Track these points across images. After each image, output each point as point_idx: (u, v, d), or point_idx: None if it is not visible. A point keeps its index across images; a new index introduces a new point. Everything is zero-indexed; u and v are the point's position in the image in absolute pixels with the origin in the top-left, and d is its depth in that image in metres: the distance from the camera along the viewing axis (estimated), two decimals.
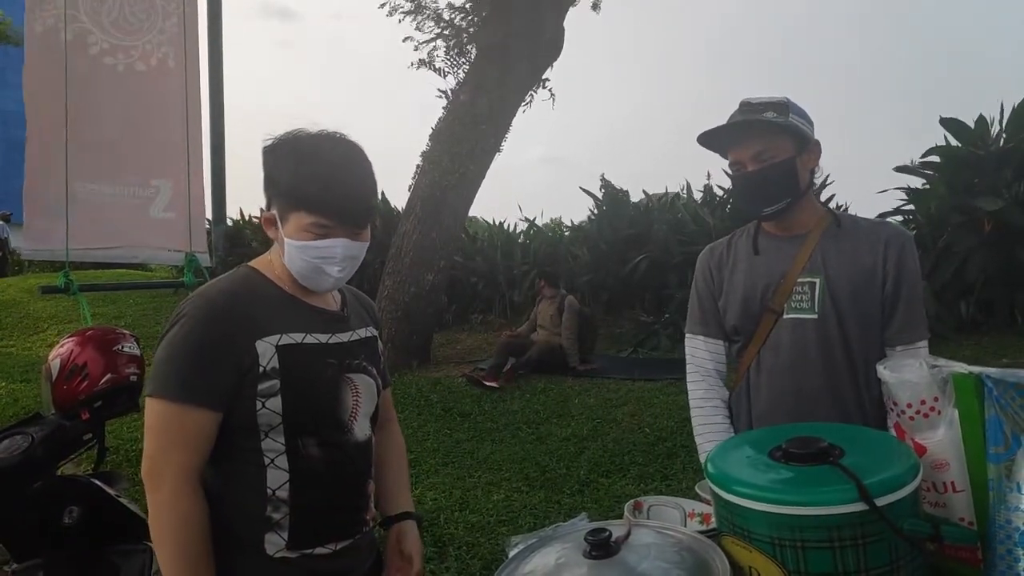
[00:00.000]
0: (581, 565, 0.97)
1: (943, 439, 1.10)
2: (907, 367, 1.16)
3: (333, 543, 1.34)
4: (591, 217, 10.55)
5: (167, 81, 3.13)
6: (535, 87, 8.56)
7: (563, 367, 6.96)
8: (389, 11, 9.05)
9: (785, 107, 1.57)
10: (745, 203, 1.71)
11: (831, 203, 8.29)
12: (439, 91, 8.39)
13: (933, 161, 7.62)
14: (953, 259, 7.06)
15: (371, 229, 1.36)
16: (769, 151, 1.58)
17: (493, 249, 10.66)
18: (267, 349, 1.26)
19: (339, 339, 1.38)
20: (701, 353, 1.79)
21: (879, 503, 0.92)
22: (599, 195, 10.49)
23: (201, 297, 1.29)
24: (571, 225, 11.94)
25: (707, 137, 1.64)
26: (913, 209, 8.01)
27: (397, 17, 9.08)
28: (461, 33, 8.70)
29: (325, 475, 1.32)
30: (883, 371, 1.20)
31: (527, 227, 11.46)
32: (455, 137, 7.67)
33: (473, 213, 9.39)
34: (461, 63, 8.71)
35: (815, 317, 1.61)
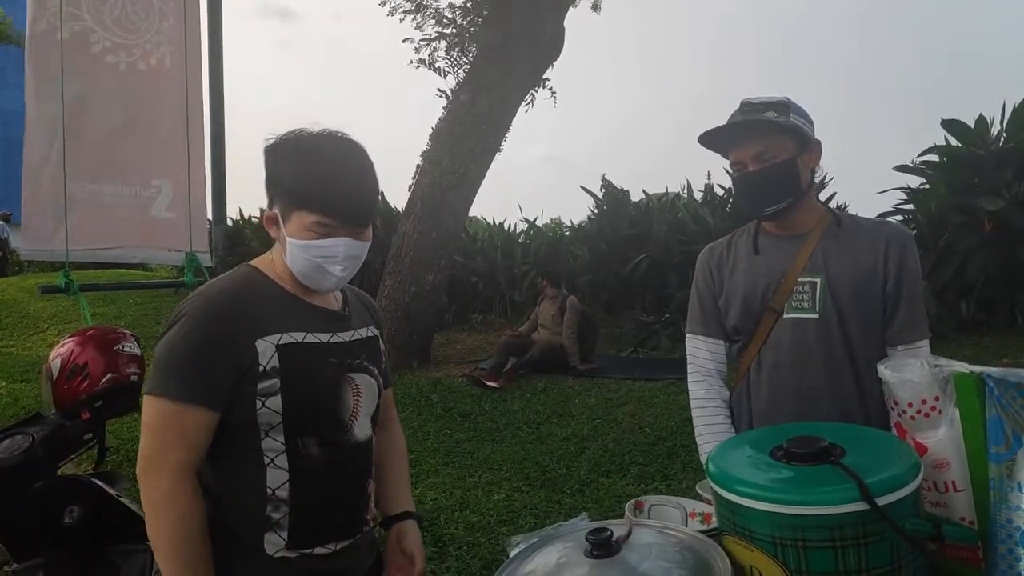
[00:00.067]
0: (582, 564, 0.97)
1: (944, 438, 1.10)
2: (908, 366, 1.16)
3: (333, 543, 1.34)
4: (591, 217, 10.55)
5: (167, 81, 3.12)
6: (535, 87, 8.56)
7: (564, 367, 6.96)
8: (390, 10, 9.06)
9: (786, 107, 1.57)
10: (746, 203, 1.70)
11: (832, 203, 8.28)
12: (439, 91, 8.41)
13: (932, 160, 7.62)
14: (953, 259, 7.06)
15: (372, 229, 1.36)
16: (770, 151, 1.58)
17: (493, 249, 10.65)
18: (267, 348, 1.26)
19: (340, 338, 1.37)
20: (702, 353, 1.79)
21: (880, 502, 0.92)
22: (599, 195, 10.49)
23: (202, 296, 1.29)
24: (571, 225, 11.95)
25: (708, 137, 1.64)
26: (913, 209, 8.01)
27: (398, 16, 9.10)
28: (463, 32, 8.70)
29: (325, 475, 1.31)
30: (884, 370, 1.20)
31: (527, 227, 11.46)
32: (455, 137, 7.67)
33: (473, 213, 9.39)
34: (461, 63, 8.72)
35: (816, 316, 1.61)
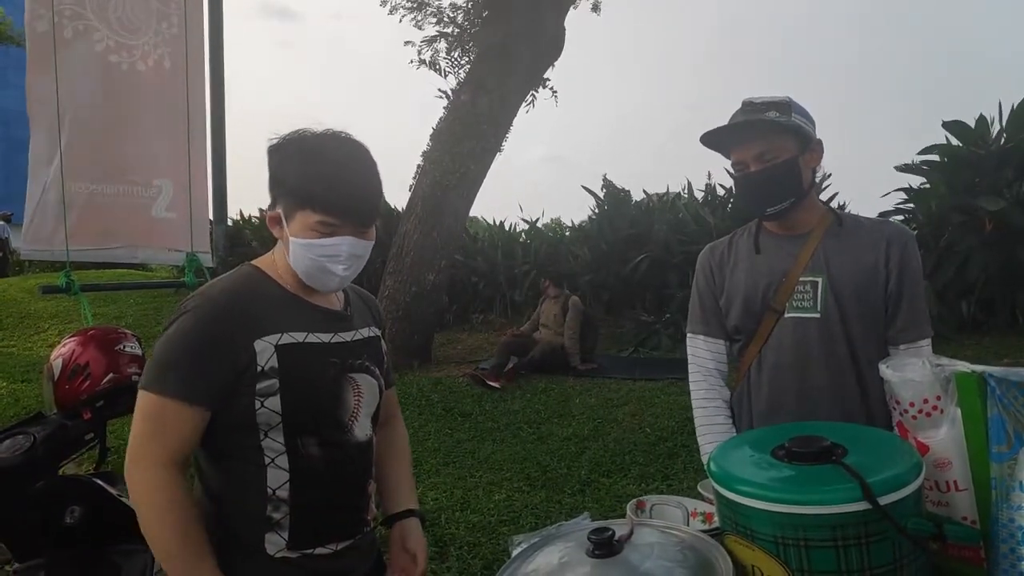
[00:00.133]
0: (584, 564, 0.97)
1: (946, 438, 1.10)
2: (910, 366, 1.16)
3: (334, 543, 1.34)
4: (592, 217, 10.55)
5: (168, 81, 3.12)
6: (536, 87, 8.56)
7: (564, 367, 6.96)
8: (390, 9, 9.06)
9: (788, 107, 1.57)
10: (748, 203, 1.70)
11: (833, 202, 8.28)
12: (440, 91, 8.41)
13: (933, 160, 7.61)
14: (954, 259, 7.05)
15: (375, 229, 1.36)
16: (772, 151, 1.58)
17: (494, 249, 10.65)
18: (265, 348, 1.25)
19: (342, 338, 1.37)
20: (702, 352, 1.79)
21: (882, 502, 0.92)
22: (600, 194, 10.49)
23: (203, 295, 1.29)
24: (572, 225, 11.95)
25: (710, 137, 1.64)
26: (914, 208, 8.01)
27: (398, 16, 9.10)
28: (464, 33, 8.70)
29: (325, 475, 1.31)
30: (886, 370, 1.20)
31: (528, 227, 11.46)
32: (456, 137, 7.67)
33: (474, 213, 9.39)
34: (462, 63, 8.72)
35: (818, 316, 1.60)
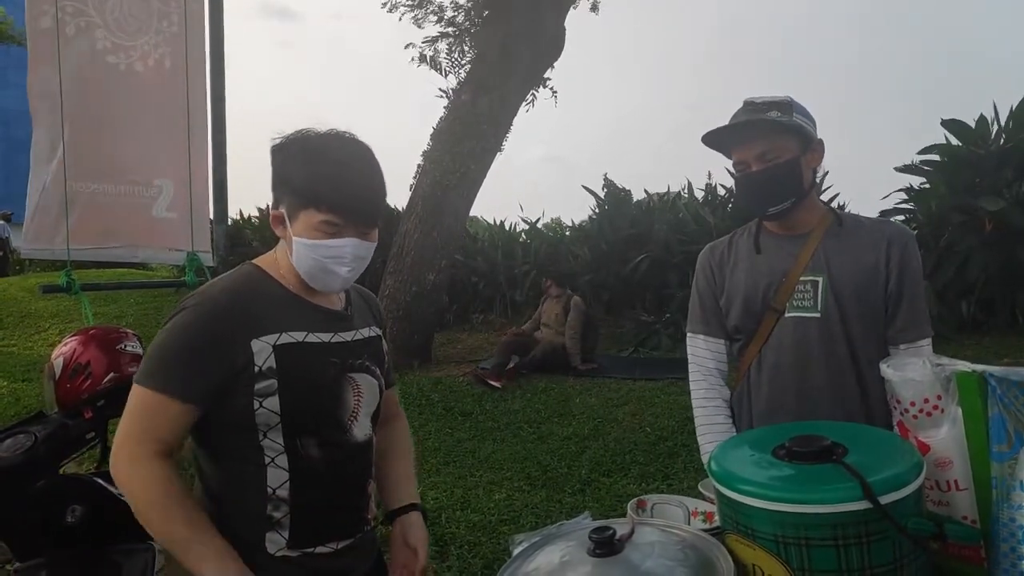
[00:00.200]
0: (585, 563, 0.97)
1: (946, 437, 1.10)
2: (910, 365, 1.17)
3: (334, 542, 1.34)
4: (592, 216, 10.54)
5: (168, 80, 3.12)
6: (536, 87, 8.56)
7: (565, 366, 6.96)
8: (390, 7, 9.06)
9: (789, 106, 1.57)
10: (749, 203, 1.70)
11: (833, 203, 8.28)
12: (440, 91, 8.41)
13: (933, 160, 7.61)
14: (954, 259, 7.05)
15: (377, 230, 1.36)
16: (773, 151, 1.58)
17: (494, 249, 10.65)
18: (263, 348, 1.25)
19: (342, 338, 1.37)
20: (702, 352, 1.79)
21: (883, 501, 0.92)
22: (601, 194, 10.49)
23: (203, 294, 1.29)
24: (572, 225, 11.94)
25: (711, 137, 1.64)
26: (914, 208, 8.00)
27: (398, 15, 9.10)
28: (464, 33, 8.70)
29: (325, 475, 1.31)
30: (886, 369, 1.20)
31: (528, 227, 11.46)
32: (456, 136, 7.67)
33: (474, 213, 9.39)
34: (462, 63, 8.72)
35: (818, 316, 1.61)
